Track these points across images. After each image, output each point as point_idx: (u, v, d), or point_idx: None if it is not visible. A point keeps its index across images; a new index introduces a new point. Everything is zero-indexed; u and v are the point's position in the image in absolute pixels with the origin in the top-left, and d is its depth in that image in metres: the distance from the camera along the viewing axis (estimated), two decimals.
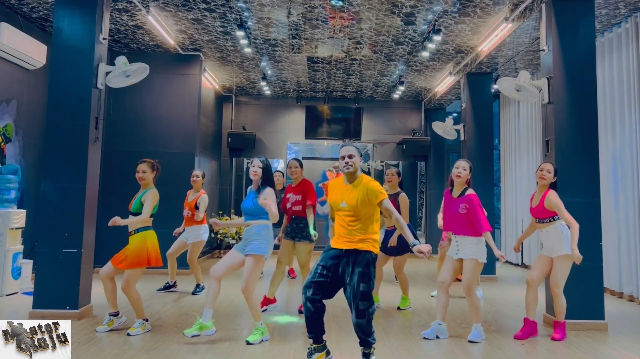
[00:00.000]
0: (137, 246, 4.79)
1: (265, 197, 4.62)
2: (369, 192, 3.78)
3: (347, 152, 3.87)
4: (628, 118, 7.25)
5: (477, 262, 4.87)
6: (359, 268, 3.74)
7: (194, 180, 6.97)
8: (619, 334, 5.25)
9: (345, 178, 3.92)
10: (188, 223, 6.93)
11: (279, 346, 4.56)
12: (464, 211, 4.85)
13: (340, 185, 3.94)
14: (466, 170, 4.92)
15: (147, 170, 4.97)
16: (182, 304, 6.30)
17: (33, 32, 7.61)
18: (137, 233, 4.84)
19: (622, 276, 7.32)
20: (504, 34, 7.42)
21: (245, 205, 4.78)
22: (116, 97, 8.91)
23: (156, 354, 4.25)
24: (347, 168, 3.85)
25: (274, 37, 8.38)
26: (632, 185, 7.14)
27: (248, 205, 4.74)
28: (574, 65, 5.79)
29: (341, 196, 3.87)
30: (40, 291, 5.41)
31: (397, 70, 10.15)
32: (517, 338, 4.99)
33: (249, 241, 4.68)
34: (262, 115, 12.99)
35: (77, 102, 5.61)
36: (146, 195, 4.89)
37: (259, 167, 4.74)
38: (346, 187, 3.88)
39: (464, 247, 4.91)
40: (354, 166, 3.85)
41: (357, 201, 3.78)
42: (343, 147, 3.95)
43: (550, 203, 4.93)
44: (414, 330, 5.26)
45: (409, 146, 12.60)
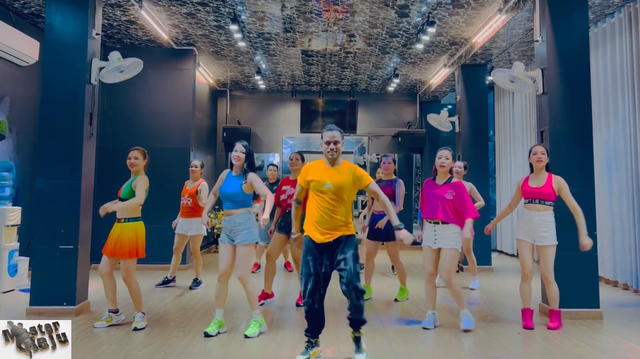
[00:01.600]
0: (129, 236, 4.82)
1: (251, 181, 4.64)
2: (355, 177, 3.89)
3: (333, 138, 3.93)
4: (622, 108, 7.28)
5: (457, 251, 4.91)
6: (350, 250, 3.85)
7: (192, 170, 6.98)
8: (614, 322, 5.30)
9: (327, 162, 3.98)
10: (187, 214, 6.91)
11: (277, 339, 4.57)
12: (450, 197, 4.88)
13: (321, 167, 3.98)
14: (449, 159, 4.98)
15: (139, 157, 4.99)
16: (180, 299, 6.30)
17: (25, 28, 7.57)
18: (127, 222, 4.86)
19: (616, 265, 7.37)
20: (497, 26, 7.42)
21: (228, 190, 4.67)
22: (110, 93, 8.88)
23: (154, 349, 4.26)
24: (332, 154, 3.93)
25: (268, 30, 8.35)
26: (626, 175, 7.18)
27: (233, 190, 4.66)
28: (567, 55, 5.80)
29: (325, 177, 3.89)
30: (37, 288, 5.41)
31: (391, 62, 10.15)
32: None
33: (236, 232, 4.64)
34: (257, 109, 12.96)
35: (70, 98, 5.59)
36: (137, 181, 4.90)
37: (242, 152, 4.72)
38: (328, 169, 3.94)
39: (443, 236, 4.90)
40: (338, 152, 3.94)
41: (343, 184, 3.85)
42: (329, 130, 3.97)
43: (561, 185, 4.99)
44: (409, 320, 5.28)
45: (404, 138, 12.61)
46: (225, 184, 4.73)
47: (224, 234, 4.72)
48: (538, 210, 5.02)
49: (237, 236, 4.65)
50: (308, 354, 3.92)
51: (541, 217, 4.99)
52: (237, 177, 4.72)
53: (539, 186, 5.04)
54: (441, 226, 4.92)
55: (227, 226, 4.69)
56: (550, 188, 5.00)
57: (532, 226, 5.02)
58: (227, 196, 4.69)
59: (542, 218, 4.99)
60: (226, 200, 4.70)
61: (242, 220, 4.67)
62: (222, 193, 4.72)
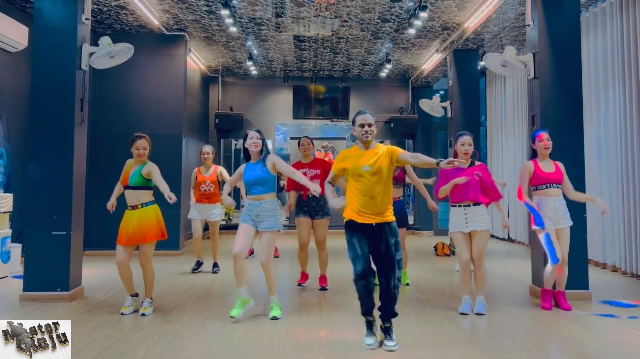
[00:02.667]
0: (153, 220, 4.89)
1: (274, 162, 4.72)
2: (391, 153, 3.93)
3: (367, 121, 3.97)
4: (612, 92, 7.33)
5: (489, 232, 4.98)
6: (393, 238, 3.89)
7: (205, 158, 7.03)
8: (603, 304, 5.38)
9: (362, 145, 4.00)
10: (209, 200, 7.01)
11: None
12: (477, 178, 4.91)
13: (355, 153, 3.99)
14: (472, 145, 5.05)
15: (147, 147, 4.99)
16: (174, 283, 6.33)
17: (13, 13, 7.47)
18: (145, 206, 4.89)
19: (605, 248, 7.47)
20: (489, 10, 7.42)
21: (254, 176, 4.71)
22: (101, 79, 8.80)
23: (149, 333, 4.30)
24: (366, 136, 3.96)
25: (260, 15, 8.30)
26: (615, 158, 7.25)
27: (260, 175, 4.70)
28: (559, 40, 5.82)
29: (362, 161, 3.91)
30: (30, 274, 5.42)
31: (384, 48, 10.13)
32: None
33: (264, 217, 4.68)
34: (249, 95, 12.91)
35: (61, 84, 5.55)
36: (149, 167, 4.90)
37: (258, 138, 4.78)
38: (362, 153, 3.96)
39: (475, 218, 4.92)
40: (372, 134, 3.97)
41: (382, 164, 3.88)
42: (362, 114, 4.02)
43: (564, 170, 5.12)
44: (403, 304, 5.34)
45: (397, 124, 12.63)
46: (248, 173, 4.77)
47: (247, 216, 4.73)
48: (557, 195, 5.09)
49: (264, 222, 4.69)
50: (373, 335, 3.95)
51: (560, 201, 5.09)
52: (257, 163, 4.78)
53: (552, 171, 5.11)
54: (472, 208, 4.94)
55: (254, 211, 4.71)
56: (560, 173, 5.12)
57: (556, 212, 5.06)
58: (256, 182, 4.72)
59: (561, 201, 5.09)
60: (255, 186, 4.73)
61: (271, 207, 4.73)
62: (249, 181, 4.75)
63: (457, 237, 5.00)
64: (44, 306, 5.13)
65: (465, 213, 4.95)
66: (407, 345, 3.98)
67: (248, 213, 4.75)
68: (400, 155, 3.94)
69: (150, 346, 3.95)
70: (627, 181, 6.97)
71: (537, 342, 4.11)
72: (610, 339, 4.19)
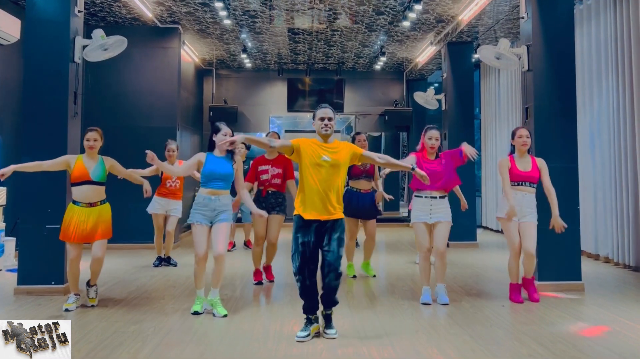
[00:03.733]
0: (109, 216, 4.92)
1: (238, 166, 4.76)
2: (351, 150, 4.03)
3: (327, 115, 4.02)
4: (605, 85, 7.36)
5: (451, 224, 5.05)
6: (336, 233, 3.96)
7: (170, 155, 6.82)
8: (595, 294, 5.44)
9: (321, 139, 4.03)
10: (173, 195, 6.95)
11: (262, 314, 4.64)
12: (443, 162, 5.02)
13: (314, 143, 4.00)
14: (438, 140, 5.08)
15: (98, 139, 4.90)
16: (168, 277, 6.34)
17: (6, 6, 7.40)
18: (103, 204, 4.87)
19: (598, 239, 7.53)
20: (484, 2, 7.42)
21: (223, 171, 4.63)
22: (94, 72, 8.75)
23: (144, 325, 4.31)
24: (326, 130, 3.99)
25: (254, 8, 8.27)
26: (608, 150, 7.29)
27: (228, 171, 4.65)
28: (553, 32, 5.83)
29: (321, 151, 3.94)
30: (24, 268, 5.41)
31: (378, 40, 10.11)
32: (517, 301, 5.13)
33: (220, 211, 4.62)
34: (243, 88, 12.88)
35: (54, 76, 5.51)
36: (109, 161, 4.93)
37: (230, 136, 4.68)
38: (323, 145, 3.99)
39: (439, 209, 4.99)
40: (332, 128, 4.01)
41: (340, 159, 3.94)
42: (322, 108, 4.06)
43: (542, 167, 5.11)
44: (397, 296, 5.38)
45: (391, 117, 12.64)
46: (215, 165, 4.64)
47: (200, 215, 4.61)
48: (526, 192, 5.09)
49: (221, 215, 4.64)
50: (308, 331, 3.98)
51: (526, 197, 5.08)
52: (223, 158, 4.70)
53: (527, 170, 5.10)
54: (438, 200, 5.00)
55: (211, 206, 4.60)
56: (536, 171, 5.10)
57: (521, 206, 5.07)
58: (221, 177, 4.63)
59: (529, 198, 5.09)
60: (216, 181, 4.63)
61: (228, 201, 4.72)
62: (213, 174, 4.61)
63: (420, 227, 5.05)
64: (38, 300, 5.13)
65: (431, 204, 5.00)
66: (401, 336, 4.02)
67: (201, 210, 4.62)
68: (364, 153, 4.09)
69: (146, 338, 3.97)
70: (619, 173, 7.01)
71: (530, 333, 4.14)
72: (602, 329, 4.23)
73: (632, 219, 6.69)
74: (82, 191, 4.77)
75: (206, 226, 4.63)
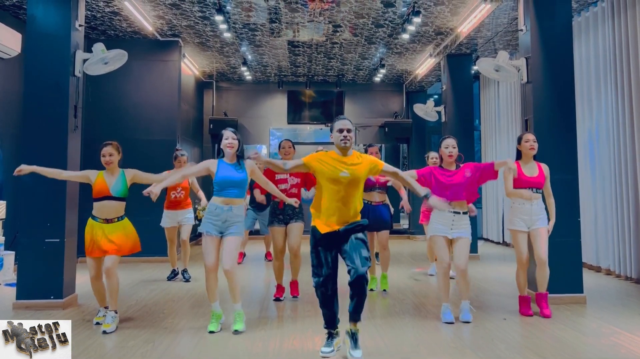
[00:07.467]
0: (132, 231, 4.79)
1: (252, 168, 4.59)
2: (371, 163, 3.92)
3: (346, 126, 3.89)
4: (604, 96, 7.37)
5: (470, 240, 4.90)
6: (358, 234, 3.85)
7: (180, 162, 6.79)
8: (597, 307, 5.40)
9: (340, 152, 3.91)
10: (181, 206, 6.91)
11: (267, 331, 4.61)
12: (469, 175, 4.81)
13: (333, 156, 3.89)
14: (455, 148, 4.89)
15: (113, 153, 4.83)
16: (167, 290, 6.30)
17: (7, 20, 7.45)
18: (121, 220, 4.74)
19: (599, 251, 7.50)
20: (482, 15, 7.46)
21: (235, 177, 4.49)
22: (95, 85, 8.78)
23: (143, 340, 4.27)
24: (345, 142, 3.87)
25: (254, 21, 8.31)
26: (608, 162, 7.29)
27: (241, 177, 4.50)
28: (551, 44, 5.85)
29: (340, 166, 3.83)
30: (23, 282, 5.38)
31: (377, 53, 10.16)
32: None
33: (232, 223, 4.48)
34: (243, 100, 12.91)
35: (54, 90, 5.53)
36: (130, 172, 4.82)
37: (234, 139, 4.56)
38: (342, 158, 3.88)
39: (461, 225, 4.83)
40: (351, 140, 3.89)
41: (359, 172, 3.84)
42: (341, 120, 3.95)
43: (547, 173, 5.06)
44: (398, 309, 5.34)
45: (391, 129, 12.65)
46: (227, 171, 4.51)
47: (211, 225, 4.46)
48: (535, 199, 5.01)
49: (232, 227, 4.49)
50: (332, 346, 3.91)
51: (533, 204, 5.01)
52: (234, 164, 4.57)
53: (534, 175, 5.03)
54: (461, 216, 4.83)
55: (222, 216, 4.46)
56: (543, 177, 5.05)
57: (531, 215, 5.00)
58: (233, 184, 4.49)
59: (538, 205, 5.02)
60: (229, 188, 4.49)
61: (241, 212, 4.58)
62: (224, 181, 4.47)
63: (440, 241, 4.86)
64: (37, 314, 5.10)
65: (452, 219, 4.83)
66: (402, 350, 3.99)
67: (213, 220, 4.48)
68: (384, 168, 4.01)
69: (145, 353, 3.93)
70: (619, 184, 7.00)
71: (532, 346, 4.11)
72: (605, 343, 4.20)
73: (633, 230, 6.67)
74: (101, 206, 4.69)
75: (216, 237, 4.49)
